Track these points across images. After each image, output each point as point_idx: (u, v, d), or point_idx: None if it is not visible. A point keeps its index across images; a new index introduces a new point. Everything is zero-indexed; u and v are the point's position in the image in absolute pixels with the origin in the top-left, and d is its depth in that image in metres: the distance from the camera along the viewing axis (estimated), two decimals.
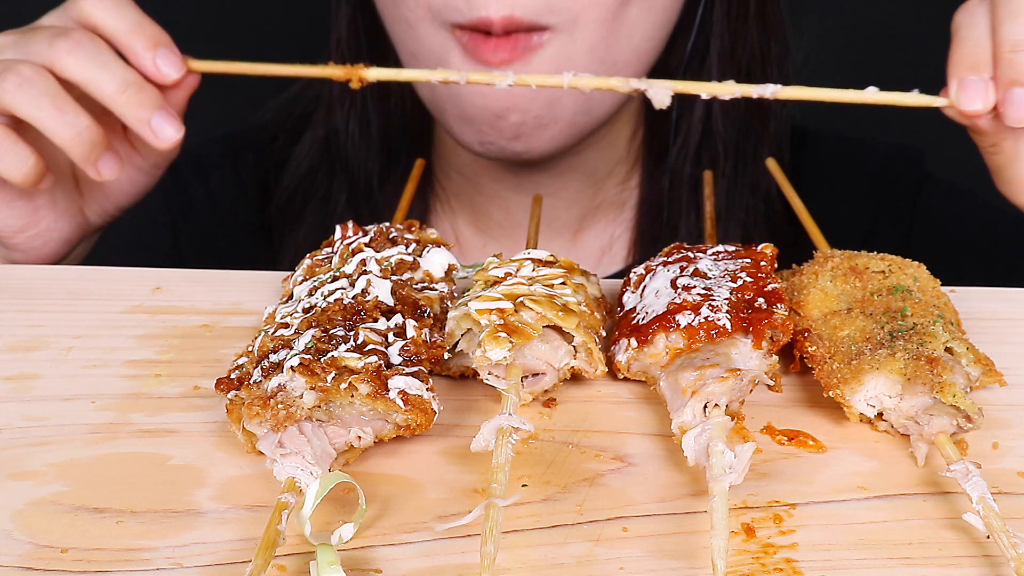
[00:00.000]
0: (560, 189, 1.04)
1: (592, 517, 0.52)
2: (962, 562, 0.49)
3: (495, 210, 1.07)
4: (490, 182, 1.05)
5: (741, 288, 0.61)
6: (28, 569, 0.48)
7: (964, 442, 0.56)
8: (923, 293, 0.63)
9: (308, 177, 1.08)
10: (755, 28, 1.01)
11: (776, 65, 1.03)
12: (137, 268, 0.73)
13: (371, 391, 0.53)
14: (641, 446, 0.57)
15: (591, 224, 1.07)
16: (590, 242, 1.07)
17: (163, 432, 0.58)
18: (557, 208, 1.05)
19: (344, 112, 1.05)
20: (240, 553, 0.49)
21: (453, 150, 1.06)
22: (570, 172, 1.03)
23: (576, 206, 1.06)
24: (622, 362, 0.61)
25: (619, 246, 1.08)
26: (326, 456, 0.53)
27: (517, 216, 1.05)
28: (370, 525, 0.51)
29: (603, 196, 1.07)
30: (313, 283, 0.63)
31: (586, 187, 1.05)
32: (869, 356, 0.57)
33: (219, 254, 1.09)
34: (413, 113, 1.06)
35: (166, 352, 0.65)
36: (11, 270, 0.74)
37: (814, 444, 0.57)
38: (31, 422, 0.58)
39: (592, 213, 1.07)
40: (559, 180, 1.03)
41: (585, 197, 1.06)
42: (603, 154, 1.04)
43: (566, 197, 1.05)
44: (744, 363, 0.57)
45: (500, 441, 0.52)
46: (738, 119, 1.02)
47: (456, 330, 0.60)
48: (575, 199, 1.06)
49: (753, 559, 0.49)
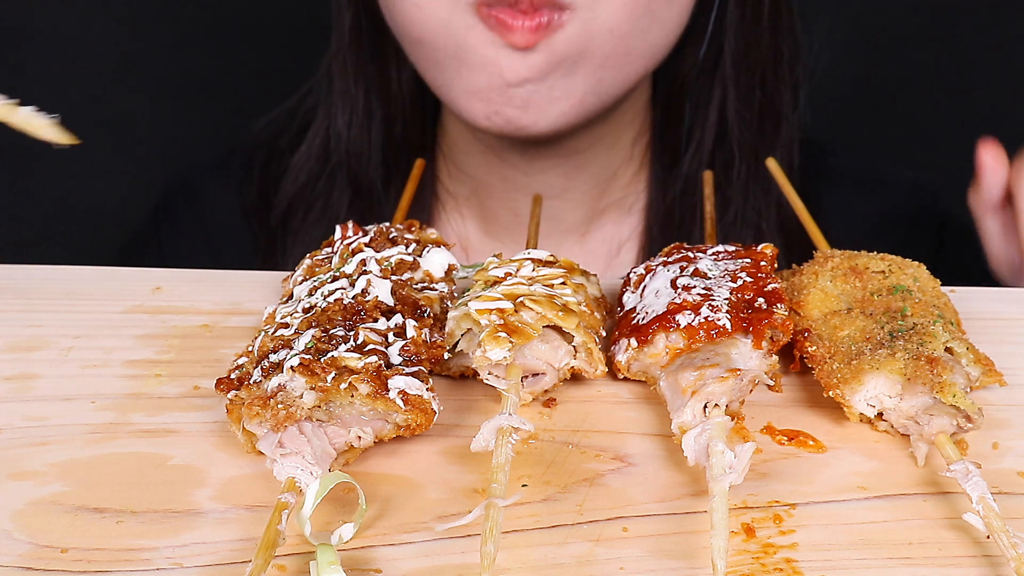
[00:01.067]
0: (566, 190, 1.04)
1: (592, 517, 0.52)
2: (962, 562, 0.49)
3: (503, 212, 1.07)
4: (498, 182, 1.05)
5: (741, 288, 0.61)
6: (28, 569, 0.48)
7: (964, 442, 0.56)
8: (923, 293, 0.63)
9: (307, 187, 1.08)
10: (768, 32, 1.02)
11: (788, 68, 1.03)
12: (137, 268, 0.73)
13: (371, 391, 0.53)
14: (641, 446, 0.57)
15: (598, 227, 1.08)
16: (597, 246, 1.07)
17: (163, 432, 0.57)
18: (564, 209, 1.05)
19: (345, 118, 1.05)
20: (240, 553, 0.49)
21: (461, 151, 1.06)
22: (576, 171, 1.04)
23: (582, 207, 1.06)
24: (622, 362, 0.61)
25: (627, 250, 1.08)
26: (326, 456, 0.53)
27: (525, 219, 1.05)
28: (370, 525, 0.51)
29: (608, 199, 1.07)
30: (313, 283, 0.63)
31: (592, 187, 1.05)
32: (869, 356, 0.57)
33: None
34: (416, 118, 1.06)
35: (166, 352, 0.65)
36: (11, 270, 0.74)
37: (814, 444, 0.57)
38: (31, 422, 0.58)
39: (598, 216, 1.07)
40: (565, 180, 1.04)
41: (591, 198, 1.06)
42: (608, 153, 1.04)
43: (572, 198, 1.05)
44: (744, 363, 0.57)
45: (500, 441, 0.52)
46: (752, 123, 1.03)
47: (456, 330, 0.60)
48: (581, 200, 1.06)
49: (753, 559, 0.49)
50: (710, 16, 1.01)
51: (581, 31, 0.89)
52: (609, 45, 0.90)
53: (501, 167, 1.04)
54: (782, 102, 1.03)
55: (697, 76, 1.03)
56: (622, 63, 0.92)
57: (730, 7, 1.00)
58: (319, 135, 1.07)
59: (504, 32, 0.88)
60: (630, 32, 0.90)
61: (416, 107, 1.06)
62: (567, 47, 0.89)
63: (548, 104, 0.92)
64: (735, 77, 1.01)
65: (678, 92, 1.04)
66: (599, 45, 0.90)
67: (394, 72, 1.04)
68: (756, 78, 1.02)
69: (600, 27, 0.89)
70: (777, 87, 1.03)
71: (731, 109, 1.01)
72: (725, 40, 1.01)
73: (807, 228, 0.74)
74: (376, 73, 1.04)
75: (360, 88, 1.04)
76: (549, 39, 0.88)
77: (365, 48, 1.04)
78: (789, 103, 1.04)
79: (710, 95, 1.03)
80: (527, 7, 0.87)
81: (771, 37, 1.02)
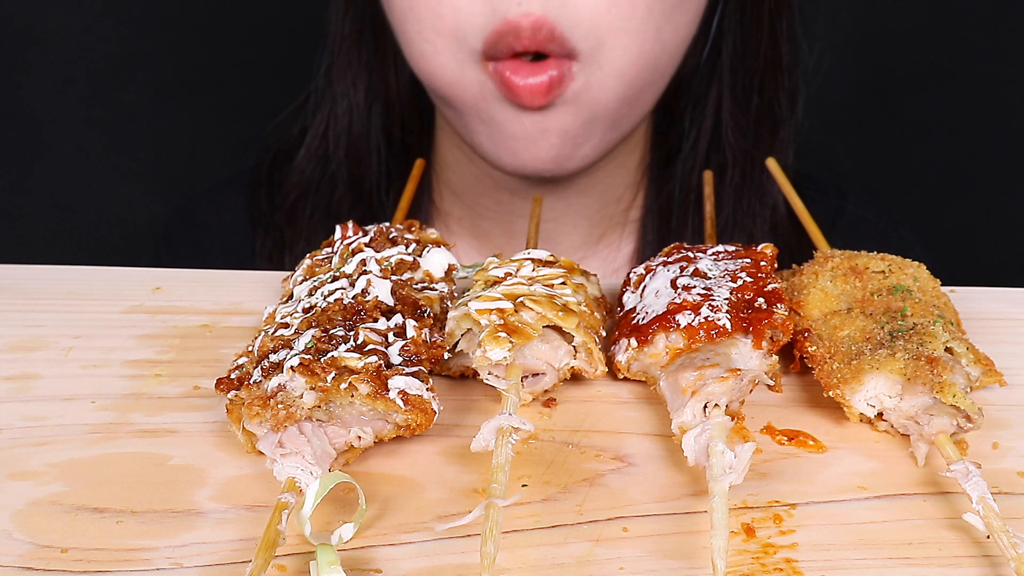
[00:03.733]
0: (564, 213, 1.03)
1: (592, 517, 0.52)
2: (962, 562, 0.49)
3: (497, 232, 1.06)
4: (493, 204, 1.04)
5: (741, 288, 0.61)
6: (28, 569, 0.48)
7: (964, 442, 0.56)
8: (923, 293, 0.63)
9: (309, 190, 1.07)
10: (767, 36, 1.01)
11: (786, 73, 1.03)
12: (137, 268, 0.73)
13: (371, 391, 0.53)
14: (641, 446, 0.57)
15: (594, 252, 1.07)
16: (595, 263, 1.07)
17: (163, 432, 0.57)
18: (561, 232, 1.04)
19: (344, 121, 1.05)
20: (240, 553, 0.49)
21: (455, 172, 1.05)
22: (576, 196, 1.02)
23: (579, 230, 1.05)
24: (622, 362, 0.61)
25: (622, 258, 1.07)
26: (326, 456, 0.53)
27: (520, 238, 1.04)
28: (370, 525, 0.51)
29: (609, 222, 1.06)
30: (313, 283, 0.63)
31: (592, 212, 1.05)
32: (869, 356, 0.57)
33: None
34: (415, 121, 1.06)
35: (166, 352, 0.65)
36: (11, 270, 0.74)
37: (814, 444, 0.57)
38: (31, 422, 0.58)
39: (596, 240, 1.06)
40: (564, 205, 1.03)
41: (590, 223, 1.05)
42: (613, 177, 1.04)
43: (569, 221, 1.04)
44: (744, 363, 0.57)
45: (500, 441, 0.52)
46: (748, 127, 1.02)
47: (456, 330, 0.60)
48: (579, 223, 1.05)
49: (753, 559, 0.49)
50: (712, 19, 1.01)
51: (591, 80, 0.87)
52: (622, 88, 0.89)
53: (496, 191, 1.03)
54: (780, 106, 1.03)
55: (695, 78, 1.02)
56: (638, 98, 0.92)
57: (730, 10, 1.00)
58: (317, 138, 1.06)
59: (513, 96, 0.86)
60: (643, 69, 0.89)
61: (414, 109, 1.06)
62: (580, 98, 0.87)
63: (574, 150, 0.91)
64: (732, 80, 1.01)
65: (676, 94, 1.04)
66: (613, 89, 0.88)
67: (392, 75, 1.04)
68: (754, 82, 1.01)
69: (610, 73, 0.87)
70: (775, 91, 1.02)
71: (726, 112, 1.00)
72: (723, 43, 1.01)
73: (807, 228, 0.74)
74: (374, 76, 1.04)
75: (359, 91, 1.04)
76: (561, 94, 0.86)
77: (364, 50, 1.03)
78: (787, 108, 1.03)
79: (707, 97, 1.02)
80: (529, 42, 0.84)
81: (770, 41, 1.01)
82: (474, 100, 0.89)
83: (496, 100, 0.88)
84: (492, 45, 0.85)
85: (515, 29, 0.83)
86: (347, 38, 1.03)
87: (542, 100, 0.86)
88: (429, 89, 0.95)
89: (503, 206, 1.04)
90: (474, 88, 0.88)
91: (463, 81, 0.89)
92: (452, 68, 0.88)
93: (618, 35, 0.86)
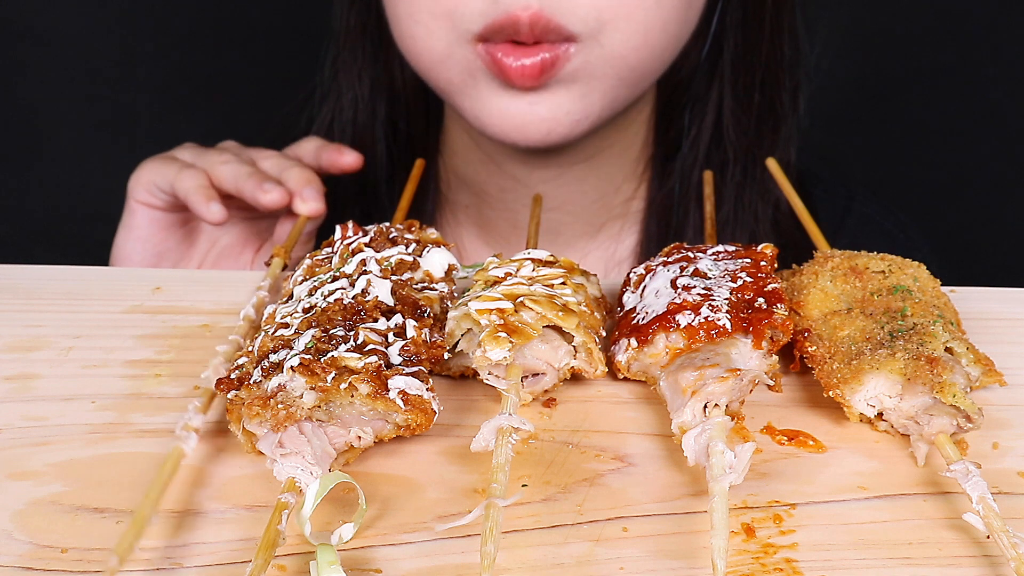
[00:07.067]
0: (566, 202, 1.04)
1: (592, 517, 0.52)
2: (962, 562, 0.49)
3: (501, 222, 1.06)
4: (497, 192, 1.05)
5: (741, 288, 0.61)
6: (28, 569, 0.48)
7: (964, 442, 0.56)
8: (923, 293, 0.63)
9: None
10: (769, 34, 1.01)
11: (788, 71, 1.02)
12: (137, 268, 0.74)
13: (371, 391, 0.53)
14: (641, 446, 0.57)
15: (596, 244, 1.07)
16: (595, 262, 1.07)
17: (163, 432, 0.57)
18: (562, 223, 1.04)
19: (349, 115, 1.05)
20: (240, 553, 0.49)
21: (462, 158, 1.05)
22: (577, 183, 1.03)
23: (581, 220, 1.05)
24: (622, 362, 0.61)
25: (627, 267, 1.07)
26: (326, 456, 0.53)
27: (523, 229, 1.05)
28: (370, 525, 0.51)
29: (609, 213, 1.06)
30: (313, 283, 0.63)
31: (592, 201, 1.05)
32: (869, 356, 0.57)
33: None
34: (420, 115, 1.06)
35: (166, 352, 0.65)
36: (11, 270, 0.74)
37: (814, 444, 0.57)
38: (31, 422, 0.58)
39: (597, 231, 1.06)
40: (565, 192, 1.03)
41: (591, 212, 1.05)
42: (611, 165, 1.04)
43: (571, 211, 1.04)
44: (744, 363, 0.57)
45: (500, 441, 0.52)
46: (749, 124, 1.02)
47: (456, 330, 0.60)
48: (580, 213, 1.05)
49: (753, 559, 0.49)
50: (713, 16, 1.01)
51: (590, 58, 0.87)
52: (623, 70, 0.89)
53: (500, 177, 1.03)
54: (781, 104, 1.03)
55: (697, 75, 1.02)
56: (636, 80, 0.92)
57: (732, 6, 1.00)
58: (322, 130, 1.07)
59: (503, 76, 0.86)
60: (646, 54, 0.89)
61: (420, 103, 1.06)
62: (575, 74, 0.87)
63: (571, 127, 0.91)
64: (733, 77, 1.01)
65: (678, 91, 1.04)
66: (613, 68, 0.88)
67: (397, 67, 1.04)
68: (755, 79, 1.01)
69: (610, 54, 0.87)
70: (776, 89, 1.02)
71: (727, 109, 1.00)
72: (725, 40, 1.01)
73: (807, 228, 0.74)
74: (379, 68, 1.04)
75: (364, 83, 1.04)
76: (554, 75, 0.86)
77: (368, 43, 1.03)
78: (788, 106, 1.03)
79: (708, 94, 1.02)
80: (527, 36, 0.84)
81: (772, 39, 1.01)
82: (461, 78, 0.89)
83: (485, 78, 0.88)
84: (489, 33, 0.85)
85: (515, 23, 0.84)
86: (352, 31, 1.04)
87: (532, 82, 0.86)
88: (416, 70, 0.95)
89: (507, 194, 1.04)
90: (460, 66, 0.88)
91: (448, 61, 0.89)
92: (440, 49, 0.89)
93: (619, 20, 0.86)
